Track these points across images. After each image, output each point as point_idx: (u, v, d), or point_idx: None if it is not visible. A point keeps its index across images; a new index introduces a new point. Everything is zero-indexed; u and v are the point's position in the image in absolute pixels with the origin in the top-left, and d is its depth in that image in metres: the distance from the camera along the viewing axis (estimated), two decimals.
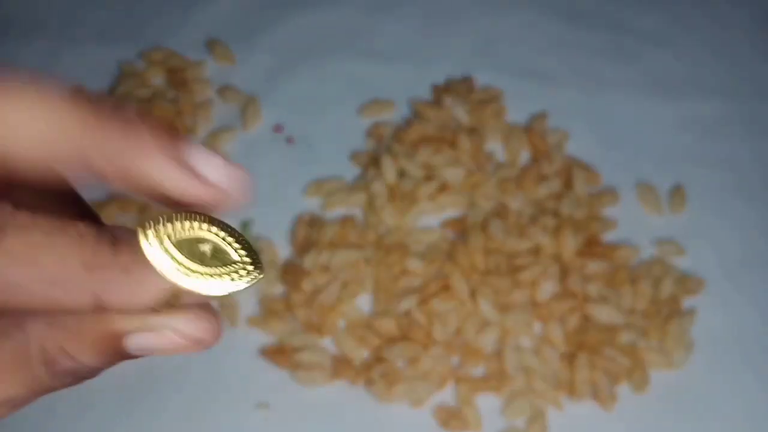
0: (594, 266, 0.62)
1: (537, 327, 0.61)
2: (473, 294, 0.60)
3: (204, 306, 0.18)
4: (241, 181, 0.19)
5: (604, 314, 0.60)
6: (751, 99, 0.77)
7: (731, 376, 0.60)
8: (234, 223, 0.59)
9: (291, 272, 0.60)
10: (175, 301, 0.17)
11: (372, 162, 0.67)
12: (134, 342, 0.18)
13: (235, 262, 0.19)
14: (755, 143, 0.74)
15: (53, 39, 0.74)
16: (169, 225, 0.19)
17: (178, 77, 0.71)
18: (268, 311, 0.60)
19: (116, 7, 0.77)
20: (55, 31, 0.75)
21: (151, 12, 0.77)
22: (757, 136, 0.74)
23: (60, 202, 0.18)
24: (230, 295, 0.20)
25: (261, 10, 0.78)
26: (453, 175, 0.66)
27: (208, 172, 0.17)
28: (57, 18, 0.75)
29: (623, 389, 0.58)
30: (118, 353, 0.18)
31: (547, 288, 0.61)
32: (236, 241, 0.20)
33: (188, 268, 0.18)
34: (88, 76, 0.71)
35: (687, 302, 0.63)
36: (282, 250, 0.63)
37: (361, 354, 0.58)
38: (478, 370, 0.58)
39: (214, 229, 0.20)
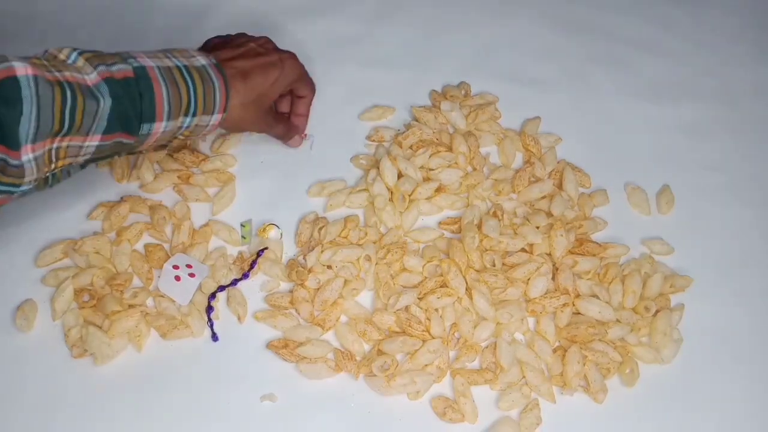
0: (585, 264, 0.64)
1: (530, 322, 0.62)
2: (469, 291, 0.61)
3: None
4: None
5: (594, 310, 0.61)
6: (737, 102, 0.79)
7: (718, 370, 0.62)
8: (234, 224, 0.64)
9: (295, 270, 0.62)
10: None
11: (372, 164, 0.69)
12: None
13: None
14: (741, 145, 0.76)
15: (61, 46, 0.75)
16: None
17: None
18: (273, 307, 0.61)
19: (124, 15, 0.79)
20: (67, 39, 0.75)
21: (158, 20, 0.78)
22: (742, 138, 0.76)
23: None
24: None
25: (266, 18, 0.80)
26: (450, 177, 0.68)
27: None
28: (68, 27, 0.77)
29: (614, 382, 0.60)
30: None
31: (540, 285, 0.62)
32: None
33: None
34: None
35: (675, 299, 0.64)
36: (287, 248, 0.64)
37: (362, 348, 0.60)
38: (473, 363, 0.60)
39: None
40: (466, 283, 0.61)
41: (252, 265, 0.62)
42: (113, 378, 0.57)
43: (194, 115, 0.56)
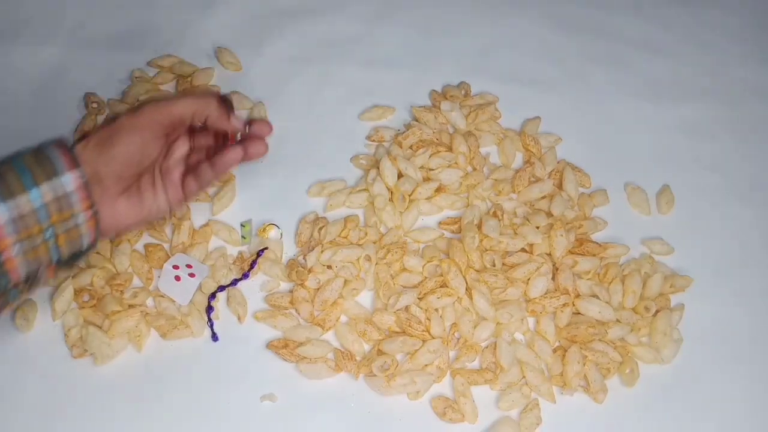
0: (585, 264, 0.64)
1: (530, 322, 0.62)
2: (469, 291, 0.61)
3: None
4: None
5: (594, 310, 0.61)
6: (738, 102, 0.79)
7: (718, 370, 0.62)
8: (234, 224, 0.64)
9: (295, 270, 0.62)
10: None
11: (372, 164, 0.69)
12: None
13: None
14: (741, 145, 0.76)
15: (65, 46, 0.76)
16: None
17: (187, 83, 0.73)
18: (273, 307, 0.61)
19: (126, 16, 0.79)
20: (67, 38, 0.76)
21: (160, 20, 0.78)
22: (743, 138, 0.76)
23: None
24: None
25: (267, 19, 0.80)
26: (450, 177, 0.68)
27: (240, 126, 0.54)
28: (69, 26, 0.77)
29: (614, 382, 0.60)
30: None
31: (540, 285, 0.62)
32: None
33: None
34: (99, 82, 0.72)
35: (675, 299, 0.64)
36: (287, 248, 0.64)
37: (362, 348, 0.60)
38: (473, 363, 0.60)
39: None
40: (466, 283, 0.61)
41: (252, 265, 0.62)
42: (113, 378, 0.57)
43: (36, 184, 0.44)
